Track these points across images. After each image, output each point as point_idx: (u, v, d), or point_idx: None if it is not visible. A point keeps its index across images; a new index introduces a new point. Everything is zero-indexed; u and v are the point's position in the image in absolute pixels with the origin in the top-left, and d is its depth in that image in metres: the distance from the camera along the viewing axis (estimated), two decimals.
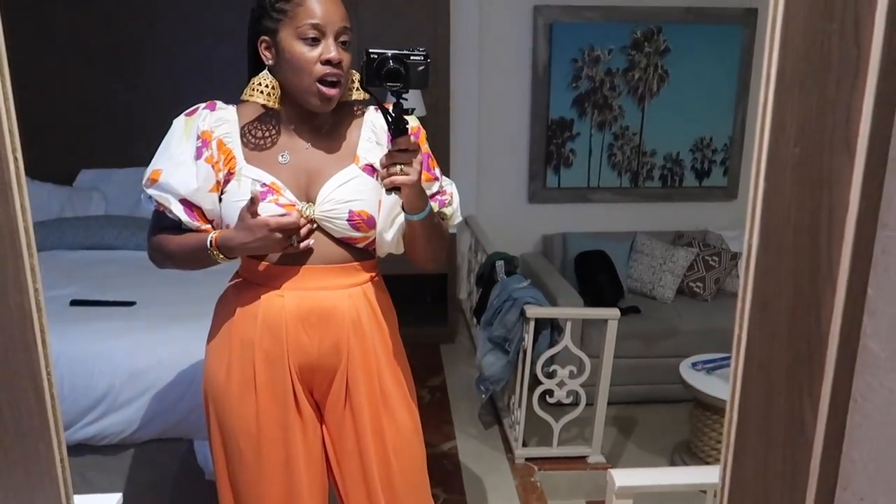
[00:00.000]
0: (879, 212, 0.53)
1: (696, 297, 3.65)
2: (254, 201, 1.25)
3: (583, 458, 2.62)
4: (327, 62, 1.25)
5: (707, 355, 2.90)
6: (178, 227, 1.36)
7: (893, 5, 0.50)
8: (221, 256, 1.31)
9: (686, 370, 2.78)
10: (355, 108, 1.41)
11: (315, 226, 1.33)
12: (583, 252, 3.67)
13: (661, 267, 3.65)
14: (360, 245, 1.37)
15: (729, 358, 2.85)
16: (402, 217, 1.32)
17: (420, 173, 1.21)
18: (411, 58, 1.16)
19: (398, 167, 1.18)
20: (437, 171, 1.43)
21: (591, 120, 3.89)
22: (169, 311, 2.17)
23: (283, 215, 1.27)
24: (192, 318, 2.00)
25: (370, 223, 1.34)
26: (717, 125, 3.95)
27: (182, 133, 1.34)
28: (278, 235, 1.25)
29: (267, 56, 1.30)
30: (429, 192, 1.36)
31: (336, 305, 1.34)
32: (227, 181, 1.32)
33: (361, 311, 1.37)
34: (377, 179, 1.29)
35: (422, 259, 1.39)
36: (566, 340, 2.50)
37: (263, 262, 1.35)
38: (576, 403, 2.61)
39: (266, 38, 1.29)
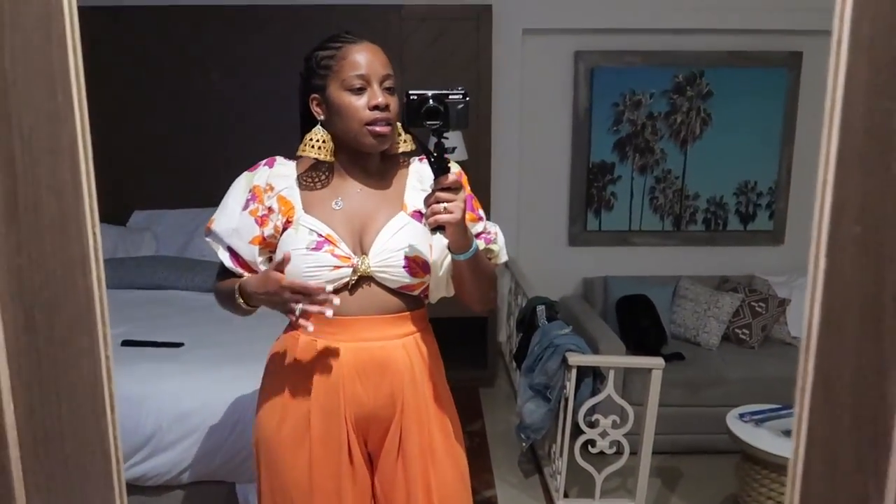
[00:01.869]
0: None
1: (743, 344, 3.56)
2: (283, 261, 1.28)
3: None
4: (375, 107, 1.31)
5: (755, 406, 2.81)
6: (233, 274, 1.42)
7: None
8: (242, 301, 1.35)
9: (733, 421, 2.70)
10: (401, 160, 1.47)
11: (355, 278, 1.37)
12: (625, 296, 3.63)
13: (706, 312, 3.58)
14: (416, 292, 1.39)
15: (778, 409, 2.78)
16: (449, 258, 1.34)
17: (463, 211, 1.23)
18: (450, 97, 1.20)
19: (441, 206, 1.20)
20: (481, 212, 1.46)
21: (633, 163, 3.88)
22: (216, 353, 2.21)
23: (307, 281, 1.31)
24: (238, 361, 2.04)
25: (425, 268, 1.36)
26: (761, 168, 3.90)
27: (241, 188, 1.43)
28: (288, 296, 1.26)
29: (318, 112, 1.37)
30: (474, 233, 1.39)
31: (391, 356, 1.36)
32: (285, 228, 1.37)
33: (415, 361, 1.38)
34: (425, 224, 1.31)
35: (471, 299, 1.41)
36: (609, 389, 2.46)
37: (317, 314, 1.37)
38: (619, 453, 2.55)
39: (316, 95, 1.36)
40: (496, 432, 3.23)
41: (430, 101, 1.19)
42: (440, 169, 1.20)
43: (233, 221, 1.39)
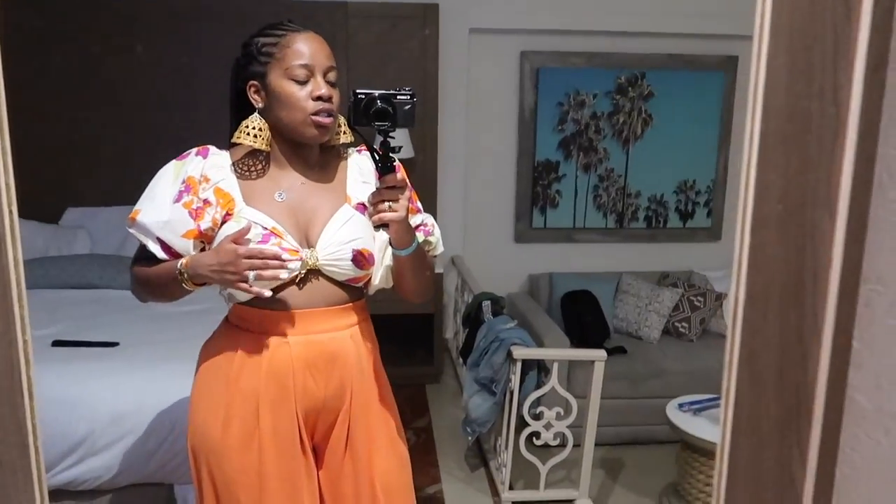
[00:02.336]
0: (861, 267, 0.55)
1: (682, 337, 3.66)
2: (242, 232, 1.25)
3: (570, 501, 2.58)
4: (318, 98, 1.30)
5: (693, 396, 2.89)
6: (157, 260, 1.36)
7: (870, 69, 0.52)
8: (188, 280, 1.29)
9: (673, 411, 2.78)
10: (341, 152, 1.46)
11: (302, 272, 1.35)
12: (569, 292, 3.69)
13: (647, 307, 3.67)
14: (360, 284, 1.40)
15: (716, 399, 2.86)
16: (389, 252, 1.37)
17: (407, 210, 1.25)
18: (398, 97, 1.21)
19: (386, 204, 1.22)
20: (419, 204, 1.48)
21: (577, 162, 3.94)
22: (152, 353, 2.14)
23: (264, 253, 1.27)
24: (176, 360, 1.98)
25: (371, 260, 1.37)
26: (700, 168, 4.02)
27: (169, 177, 1.36)
28: (244, 263, 1.22)
29: (257, 99, 1.34)
30: (413, 225, 1.41)
31: (341, 347, 1.36)
32: (224, 221, 1.33)
33: (361, 351, 1.40)
34: (369, 217, 1.32)
35: (411, 292, 1.42)
36: (553, 382, 2.50)
37: (261, 309, 1.33)
38: (563, 445, 2.59)
39: (255, 82, 1.33)
40: (442, 427, 3.24)
41: (378, 102, 1.19)
42: (386, 168, 1.21)
43: (163, 214, 1.33)
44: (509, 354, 2.47)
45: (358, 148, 1.48)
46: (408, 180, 1.41)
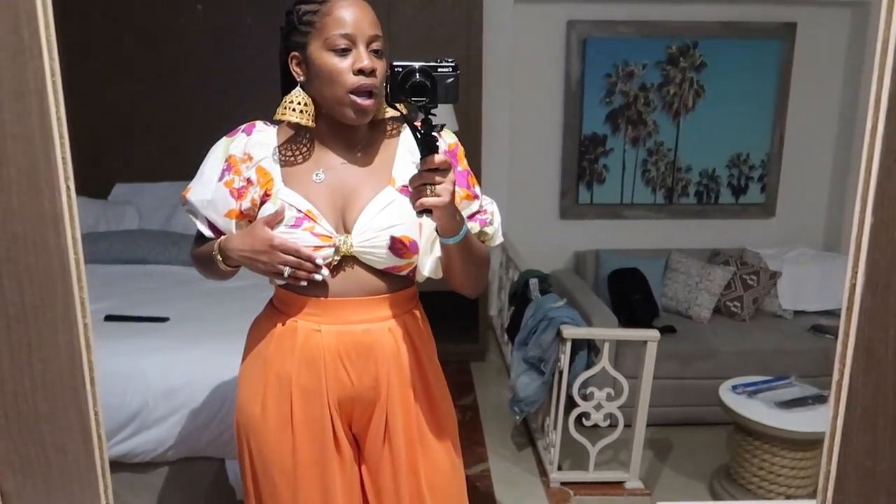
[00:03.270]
0: None
1: (734, 317, 3.55)
2: (276, 216, 1.22)
3: (620, 483, 2.54)
4: (360, 72, 1.19)
5: (747, 378, 2.81)
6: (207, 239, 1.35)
7: None
8: (221, 260, 1.26)
9: (726, 393, 2.70)
10: (390, 127, 1.35)
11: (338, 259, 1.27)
12: (616, 270, 3.60)
13: (698, 286, 3.56)
14: (403, 273, 1.30)
15: (770, 381, 2.77)
16: (437, 246, 1.26)
17: (452, 194, 1.12)
18: (439, 70, 1.08)
19: (428, 188, 1.09)
20: (478, 189, 1.34)
21: (625, 135, 3.83)
22: (202, 328, 2.15)
23: (299, 246, 1.23)
24: (225, 336, 1.98)
25: (413, 248, 1.26)
26: (754, 141, 3.86)
27: (218, 154, 1.32)
28: (277, 257, 1.20)
29: (298, 73, 1.25)
30: (468, 212, 1.30)
31: (377, 340, 1.28)
32: (262, 202, 1.27)
33: (401, 345, 1.30)
34: (411, 202, 1.19)
35: (460, 285, 1.31)
36: (604, 362, 2.44)
37: (296, 294, 1.28)
38: (613, 426, 2.54)
39: (296, 53, 1.24)
40: (488, 406, 3.21)
41: (417, 76, 1.07)
42: (427, 148, 1.09)
43: (208, 192, 1.30)
44: (559, 333, 2.42)
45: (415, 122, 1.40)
46: (461, 160, 1.33)
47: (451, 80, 1.09)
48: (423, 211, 1.12)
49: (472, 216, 1.32)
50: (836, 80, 3.81)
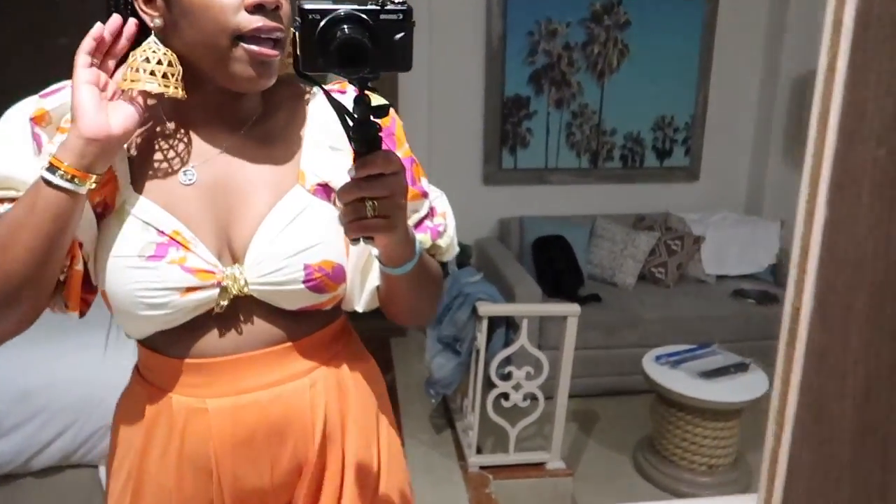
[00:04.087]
0: None
1: (659, 283, 3.50)
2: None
3: (541, 464, 2.44)
4: (257, 8, 0.76)
5: (671, 347, 2.75)
6: None
7: None
8: (67, 168, 0.73)
9: (649, 364, 2.63)
10: (292, 91, 0.92)
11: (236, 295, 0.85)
12: (541, 237, 3.48)
13: (622, 252, 3.48)
14: (326, 308, 0.90)
15: (694, 350, 2.72)
16: (375, 268, 0.88)
17: (405, 211, 0.74)
18: (381, 17, 0.65)
19: (367, 204, 0.69)
20: (425, 183, 0.94)
21: (549, 97, 3.67)
22: (61, 321, 1.88)
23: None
24: (89, 329, 1.73)
25: (339, 276, 0.87)
26: (679, 103, 3.78)
27: (16, 118, 0.83)
28: (84, 73, 0.75)
29: (150, 13, 0.79)
30: (416, 218, 0.92)
31: (293, 409, 0.87)
32: (101, 216, 0.83)
33: (331, 403, 0.90)
34: (340, 219, 0.73)
35: (406, 317, 0.94)
36: (522, 339, 2.30)
37: (164, 355, 0.87)
38: (534, 402, 2.42)
39: None
40: (408, 385, 3.06)
41: (346, 28, 0.63)
42: (365, 142, 0.68)
43: (14, 168, 0.80)
44: (474, 311, 2.27)
45: (332, 85, 0.92)
46: (401, 141, 0.92)
47: (402, 34, 0.65)
48: (362, 237, 0.73)
49: (419, 223, 0.93)
50: (759, 41, 3.74)
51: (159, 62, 0.79)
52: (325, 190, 0.88)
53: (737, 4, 3.65)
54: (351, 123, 0.68)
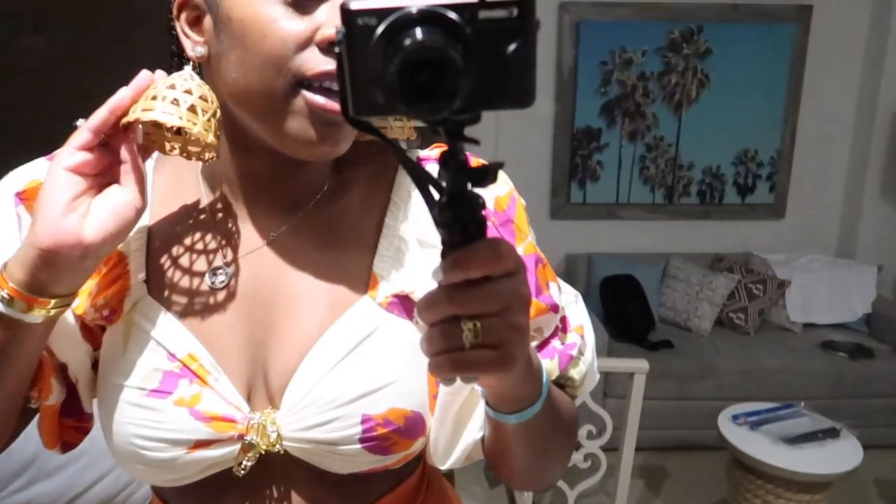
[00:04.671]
0: None
1: (737, 329, 3.25)
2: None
3: None
4: (330, 45, 0.55)
5: (750, 405, 2.52)
6: None
7: None
8: (10, 289, 0.55)
9: (725, 423, 2.41)
10: (381, 164, 0.69)
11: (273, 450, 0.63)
12: (610, 276, 3.30)
13: (698, 295, 3.26)
14: (396, 467, 0.67)
15: (776, 409, 2.48)
16: (478, 412, 0.65)
17: (526, 336, 0.46)
18: (481, 16, 0.37)
19: (466, 326, 0.43)
20: (555, 291, 0.67)
21: (622, 129, 3.50)
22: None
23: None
24: None
25: (413, 429, 0.63)
26: (763, 136, 3.53)
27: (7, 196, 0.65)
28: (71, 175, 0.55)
29: (195, 39, 0.60)
30: (539, 337, 0.66)
31: None
32: (108, 321, 0.64)
33: None
34: (422, 343, 0.45)
35: (523, 480, 0.70)
36: (584, 396, 2.14)
37: None
38: (595, 465, 2.25)
39: None
40: None
41: (419, 33, 0.37)
42: (459, 226, 0.43)
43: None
44: None
45: (426, 154, 0.69)
46: (522, 230, 0.68)
47: (518, 44, 0.38)
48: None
49: (543, 344, 0.67)
50: (856, 69, 3.46)
51: (188, 92, 0.57)
52: (404, 304, 0.63)
53: (831, 29, 3.39)
54: (436, 197, 0.43)
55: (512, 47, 0.38)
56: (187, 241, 0.66)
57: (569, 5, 3.34)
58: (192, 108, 0.57)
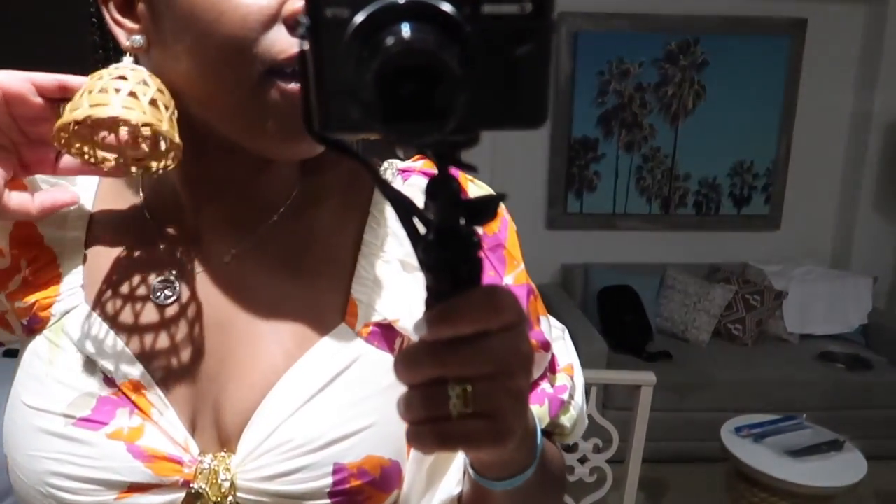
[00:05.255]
0: None
1: (735, 340, 3.24)
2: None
3: None
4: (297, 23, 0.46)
5: (752, 417, 2.50)
6: None
7: None
8: None
9: (728, 436, 2.39)
10: (358, 168, 0.54)
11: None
12: (607, 287, 3.28)
13: (696, 306, 3.25)
14: None
15: (778, 422, 2.47)
16: (454, 467, 0.57)
17: (526, 397, 0.39)
18: (484, 9, 0.29)
19: (454, 391, 0.34)
20: (545, 326, 0.62)
21: (619, 140, 3.50)
22: None
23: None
24: None
25: (389, 480, 0.54)
26: (759, 147, 3.54)
27: None
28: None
29: (128, 26, 0.51)
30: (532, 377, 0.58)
31: None
32: (30, 331, 0.55)
33: None
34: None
35: None
36: (591, 408, 2.11)
37: None
38: (601, 479, 2.22)
39: None
40: None
41: (405, 30, 0.28)
42: (447, 269, 0.35)
43: None
44: None
45: (409, 164, 0.62)
46: (514, 257, 0.61)
47: (532, 45, 0.30)
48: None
49: (532, 388, 0.60)
50: (849, 81, 3.49)
51: (144, 83, 0.47)
52: (386, 334, 0.55)
53: (825, 43, 3.41)
54: (423, 232, 0.35)
55: (522, 51, 0.31)
56: (131, 247, 0.56)
57: (566, 15, 3.34)
58: (153, 103, 0.46)
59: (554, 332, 0.63)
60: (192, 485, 0.51)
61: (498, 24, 0.30)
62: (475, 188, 0.56)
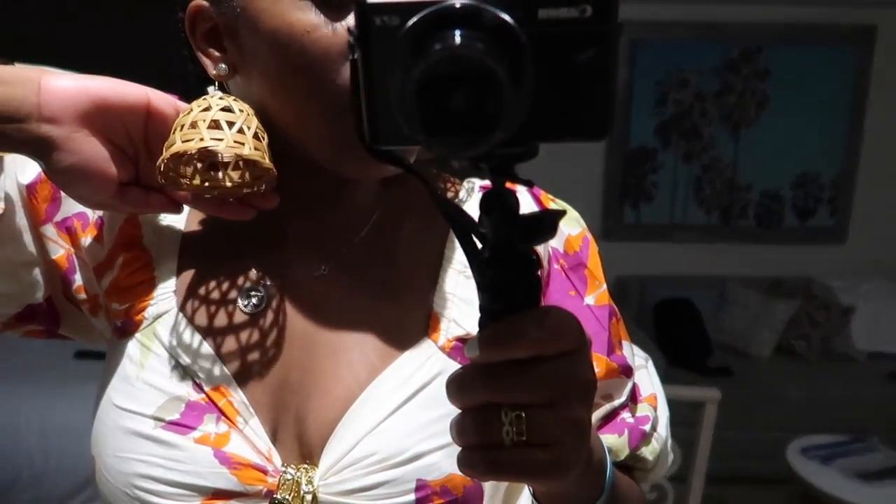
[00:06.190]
0: None
1: (799, 358, 3.13)
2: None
3: None
4: None
5: (819, 437, 2.41)
6: None
7: None
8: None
9: (795, 457, 2.31)
10: (440, 184, 0.61)
11: None
12: (665, 299, 3.22)
13: (757, 321, 3.15)
14: None
15: (848, 443, 2.37)
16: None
17: (587, 429, 0.37)
18: (540, 13, 0.28)
19: (507, 417, 0.33)
20: (628, 350, 0.62)
21: (677, 149, 3.44)
22: None
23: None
24: None
25: (471, 502, 0.52)
26: (824, 158, 3.43)
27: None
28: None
29: (213, 55, 0.53)
30: (607, 408, 0.59)
31: None
32: (122, 333, 0.56)
33: None
34: None
35: None
36: None
37: None
38: (661, 497, 2.17)
39: (204, 2, 0.51)
40: None
41: (457, 37, 0.27)
42: (502, 290, 0.34)
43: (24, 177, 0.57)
44: None
45: (481, 185, 0.62)
46: (596, 277, 0.61)
47: (595, 52, 0.30)
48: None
49: (612, 416, 0.59)
50: None
51: (227, 109, 0.49)
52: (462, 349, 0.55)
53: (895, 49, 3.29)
54: (479, 248, 0.34)
55: (582, 58, 0.29)
56: (221, 256, 0.57)
57: (624, 24, 3.30)
58: (241, 133, 0.48)
59: (637, 361, 0.62)
60: (275, 495, 0.51)
61: (556, 28, 0.29)
62: (555, 207, 0.55)
